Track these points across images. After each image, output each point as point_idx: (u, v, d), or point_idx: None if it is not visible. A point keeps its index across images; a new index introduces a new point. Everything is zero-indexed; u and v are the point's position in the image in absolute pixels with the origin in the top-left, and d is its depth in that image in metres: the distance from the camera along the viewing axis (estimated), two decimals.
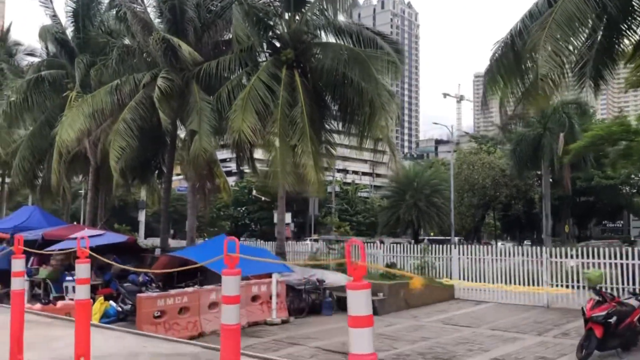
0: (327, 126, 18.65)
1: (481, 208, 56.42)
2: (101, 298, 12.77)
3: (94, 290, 15.46)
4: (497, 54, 11.52)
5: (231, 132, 15.52)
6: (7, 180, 35.70)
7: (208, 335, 11.41)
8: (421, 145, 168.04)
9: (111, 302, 13.15)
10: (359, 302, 2.69)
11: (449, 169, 45.82)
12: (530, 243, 45.77)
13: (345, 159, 60.45)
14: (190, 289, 11.41)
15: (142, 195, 40.04)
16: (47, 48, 25.95)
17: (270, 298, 12.85)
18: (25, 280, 15.12)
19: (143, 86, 17.94)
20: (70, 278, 14.52)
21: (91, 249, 14.32)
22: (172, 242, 25.29)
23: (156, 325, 10.62)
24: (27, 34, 38.86)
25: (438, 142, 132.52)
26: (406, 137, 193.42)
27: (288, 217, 37.00)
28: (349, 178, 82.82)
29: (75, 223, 20.15)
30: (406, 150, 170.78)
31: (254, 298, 12.79)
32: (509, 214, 55.89)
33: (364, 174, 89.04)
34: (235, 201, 62.20)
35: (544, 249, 15.64)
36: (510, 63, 11.73)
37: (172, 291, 11.07)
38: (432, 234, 47.23)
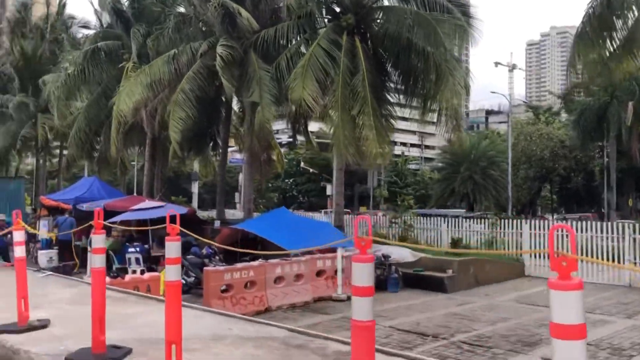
0: (387, 96, 17.82)
1: (537, 180, 54.37)
2: (163, 270, 12.63)
3: (157, 261, 15.48)
4: (589, 13, 10.48)
5: (291, 101, 14.96)
6: (64, 152, 36.69)
7: (274, 310, 11.13)
8: (471, 115, 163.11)
9: None
10: None
11: (505, 140, 44.15)
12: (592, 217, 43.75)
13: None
14: (255, 263, 11.08)
15: (194, 167, 40.36)
16: (101, 19, 25.92)
17: (335, 273, 12.43)
18: (89, 252, 15.27)
19: (200, 55, 17.57)
20: (132, 249, 14.51)
21: (152, 220, 14.19)
22: (227, 214, 25.17)
23: (223, 299, 10.36)
24: (81, 7, 39.05)
25: (489, 112, 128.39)
26: None
27: None
28: (397, 150, 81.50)
29: (134, 194, 20.16)
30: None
31: (319, 273, 12.40)
32: (567, 186, 53.64)
33: (412, 145, 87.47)
34: (284, 173, 62.26)
35: (626, 225, 14.57)
36: (602, 23, 10.70)
37: (238, 265, 10.76)
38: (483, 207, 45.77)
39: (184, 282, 12.91)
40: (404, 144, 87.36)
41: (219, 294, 10.32)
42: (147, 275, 10.24)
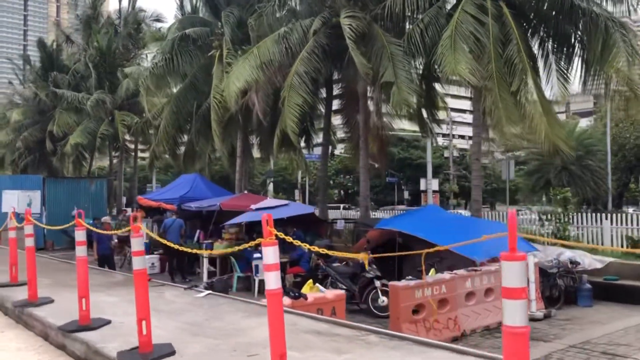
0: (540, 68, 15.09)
1: (627, 172, 50.06)
2: (310, 282, 10.39)
3: (283, 269, 13.36)
4: None
5: (448, 75, 12.53)
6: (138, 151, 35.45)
7: (469, 335, 8.75)
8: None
9: (317, 285, 10.79)
10: None
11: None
12: None
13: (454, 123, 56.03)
14: (446, 276, 8.71)
15: (271, 164, 38.47)
16: (183, 5, 24.14)
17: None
18: (205, 257, 13.26)
19: (314, 33, 15.38)
20: (258, 255, 12.41)
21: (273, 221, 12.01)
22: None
23: (416, 323, 8.05)
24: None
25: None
26: None
27: (435, 184, 34.00)
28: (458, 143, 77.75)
29: (245, 192, 18.20)
30: None
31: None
32: None
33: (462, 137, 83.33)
34: (344, 168, 60.08)
35: None
36: None
37: (429, 279, 8.41)
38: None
39: None
40: (462, 137, 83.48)
41: (411, 317, 8.01)
42: (331, 293, 8.03)
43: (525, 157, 43.94)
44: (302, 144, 23.28)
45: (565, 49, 14.68)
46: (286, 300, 7.12)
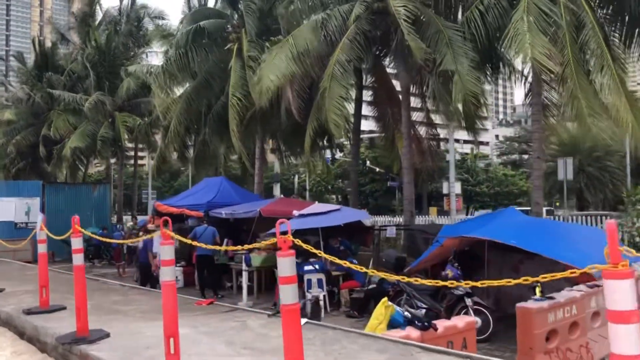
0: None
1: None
2: (385, 300, 8.80)
3: (336, 282, 11.79)
4: None
5: (523, 61, 11.09)
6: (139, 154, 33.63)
7: None
8: (518, 110, 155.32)
9: (391, 303, 9.19)
10: None
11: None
12: None
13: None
14: (577, 293, 7.19)
15: (276, 168, 36.87)
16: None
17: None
18: (245, 270, 11.63)
19: (355, 19, 13.88)
20: (309, 267, 10.85)
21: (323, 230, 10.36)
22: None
23: (549, 354, 6.52)
24: None
25: None
26: (500, 102, 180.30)
27: (458, 187, 32.61)
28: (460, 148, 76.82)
29: (281, 195, 16.57)
30: (501, 116, 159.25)
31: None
32: None
33: (480, 143, 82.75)
34: (342, 173, 58.68)
35: None
36: None
37: (559, 296, 6.89)
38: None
39: (408, 315, 9.13)
40: (457, 141, 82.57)
41: (545, 346, 6.48)
42: (461, 321, 6.47)
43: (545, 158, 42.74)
44: (325, 143, 21.74)
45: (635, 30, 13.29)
46: (413, 333, 5.56)
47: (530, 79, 13.82)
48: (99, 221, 22.26)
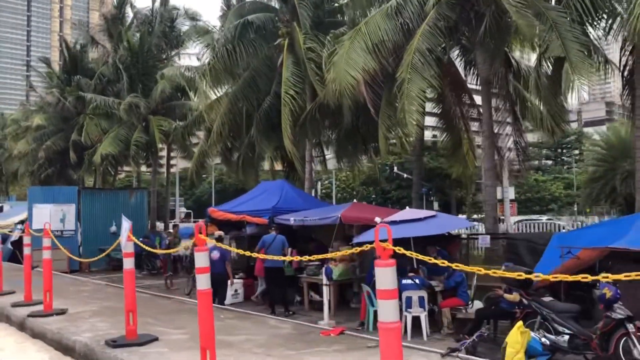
0: None
1: None
2: (519, 324, 7.30)
3: (434, 299, 10.29)
4: None
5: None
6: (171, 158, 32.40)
7: None
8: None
9: (526, 329, 7.64)
10: None
11: None
12: None
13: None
14: None
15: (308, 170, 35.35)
16: None
17: None
18: (325, 285, 10.21)
19: (435, 3, 12.47)
20: (408, 282, 9.37)
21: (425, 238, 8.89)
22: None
23: None
24: None
25: None
26: None
27: (512, 192, 30.97)
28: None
29: (354, 200, 15.17)
30: None
31: None
32: None
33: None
34: (367, 180, 57.21)
35: None
36: None
37: None
38: None
39: (547, 343, 7.59)
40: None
41: None
42: None
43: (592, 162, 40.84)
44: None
45: None
46: None
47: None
48: (136, 229, 20.98)
